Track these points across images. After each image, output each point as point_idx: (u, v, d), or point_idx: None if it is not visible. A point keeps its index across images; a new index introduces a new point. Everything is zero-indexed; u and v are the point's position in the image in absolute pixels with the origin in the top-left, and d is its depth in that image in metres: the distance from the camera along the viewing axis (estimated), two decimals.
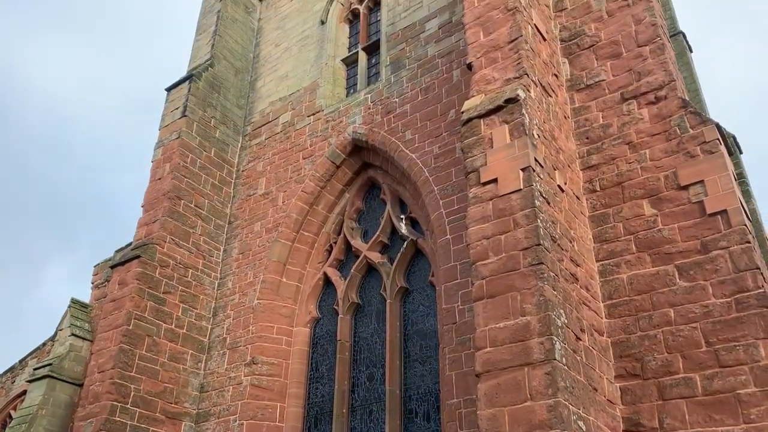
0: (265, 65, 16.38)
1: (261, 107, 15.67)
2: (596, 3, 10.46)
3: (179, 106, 14.34)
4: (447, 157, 11.18)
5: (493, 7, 9.83)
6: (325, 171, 13.23)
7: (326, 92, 14.45)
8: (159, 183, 13.34)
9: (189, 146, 13.85)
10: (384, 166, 12.76)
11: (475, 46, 9.72)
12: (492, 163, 8.31)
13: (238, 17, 16.81)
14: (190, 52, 16.39)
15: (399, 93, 12.74)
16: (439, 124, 11.67)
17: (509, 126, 8.45)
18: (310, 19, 15.94)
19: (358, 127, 13.06)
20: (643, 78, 9.33)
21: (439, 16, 12.95)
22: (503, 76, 9.08)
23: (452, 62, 12.15)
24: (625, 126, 9.22)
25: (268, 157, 14.56)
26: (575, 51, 10.36)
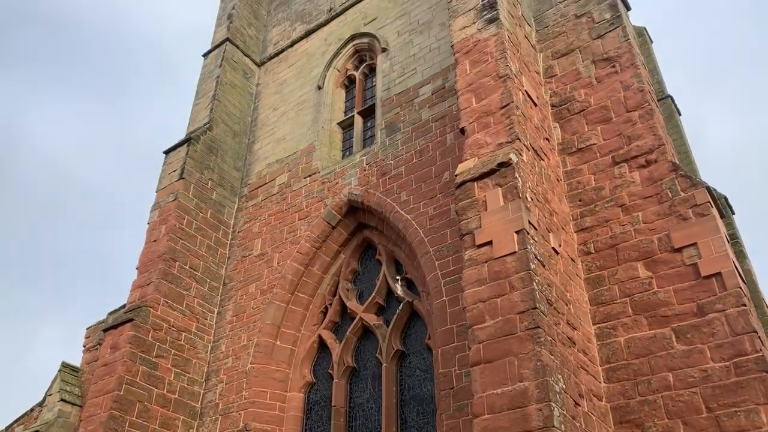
0: (263, 128, 16.67)
1: (258, 169, 15.85)
2: (585, 70, 10.78)
3: (177, 168, 14.49)
4: (442, 218, 11.26)
5: (484, 74, 10.11)
6: (321, 232, 13.28)
7: (322, 154, 14.66)
8: (154, 245, 13.35)
9: (185, 208, 13.93)
10: (380, 227, 12.82)
11: (467, 112, 9.94)
12: (486, 225, 8.38)
13: (237, 82, 17.21)
14: (189, 115, 16.69)
15: (394, 155, 12.93)
16: (433, 186, 11.80)
17: (502, 189, 8.56)
18: (307, 85, 16.32)
19: (354, 188, 13.19)
20: (633, 142, 9.52)
21: (433, 82, 13.29)
22: (495, 141, 9.26)
23: (446, 126, 12.39)
24: (618, 189, 9.35)
25: (264, 218, 14.63)
26: (566, 116, 10.60)
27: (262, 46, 18.82)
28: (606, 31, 10.88)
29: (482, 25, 10.72)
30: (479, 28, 10.72)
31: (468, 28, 10.91)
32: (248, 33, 18.46)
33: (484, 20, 10.75)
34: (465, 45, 10.73)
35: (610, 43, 10.69)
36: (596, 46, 10.84)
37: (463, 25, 11.02)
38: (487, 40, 10.46)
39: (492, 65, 10.11)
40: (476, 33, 10.71)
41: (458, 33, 11.02)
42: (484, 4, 10.94)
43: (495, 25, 10.52)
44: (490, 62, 10.17)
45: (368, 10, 16.21)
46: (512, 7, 11.35)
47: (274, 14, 19.42)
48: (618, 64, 10.35)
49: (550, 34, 11.72)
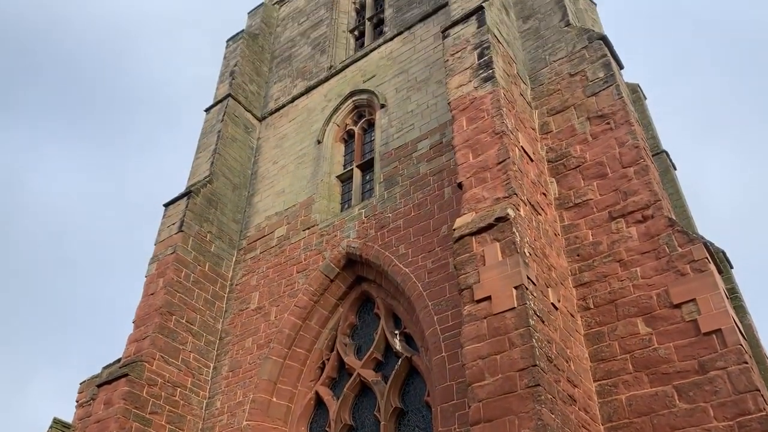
0: (263, 181, 16.81)
1: (257, 221, 15.91)
2: (580, 126, 10.97)
3: (176, 221, 14.55)
4: (440, 271, 11.25)
5: (481, 130, 10.30)
6: (319, 285, 13.23)
7: (321, 207, 14.74)
8: (151, 298, 13.27)
9: (184, 261, 13.92)
10: (378, 280, 12.78)
11: (464, 167, 10.07)
12: (485, 280, 8.37)
13: (238, 136, 17.45)
14: (190, 168, 16.85)
15: (392, 208, 13.01)
16: (432, 240, 11.83)
17: (501, 244, 8.59)
18: (307, 139, 16.56)
19: (352, 241, 13.21)
20: (630, 197, 9.61)
21: (430, 137, 13.49)
22: (493, 195, 9.35)
23: (444, 180, 12.51)
24: (615, 244, 9.38)
25: (262, 271, 14.60)
26: (562, 171, 10.73)
27: (263, 101, 19.18)
28: (600, 89, 11.12)
29: (478, 83, 10.97)
30: (475, 86, 10.97)
31: (464, 86, 11.17)
32: (250, 89, 18.83)
33: (480, 78, 11.01)
34: (462, 102, 10.95)
35: (604, 100, 10.92)
36: (591, 104, 11.07)
37: (460, 83, 11.28)
38: (483, 97, 10.69)
39: (488, 122, 10.30)
40: (473, 91, 10.95)
41: (455, 91, 11.27)
42: (479, 63, 11.23)
43: (491, 83, 10.77)
44: (487, 119, 10.37)
45: (367, 68, 16.59)
46: (507, 65, 11.64)
47: (275, 71, 19.86)
48: (612, 121, 10.55)
49: (545, 91, 11.98)
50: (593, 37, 12.02)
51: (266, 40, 20.75)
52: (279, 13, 21.95)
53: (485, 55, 11.29)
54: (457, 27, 12.30)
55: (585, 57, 11.78)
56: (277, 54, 20.42)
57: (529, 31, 13.36)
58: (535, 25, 13.30)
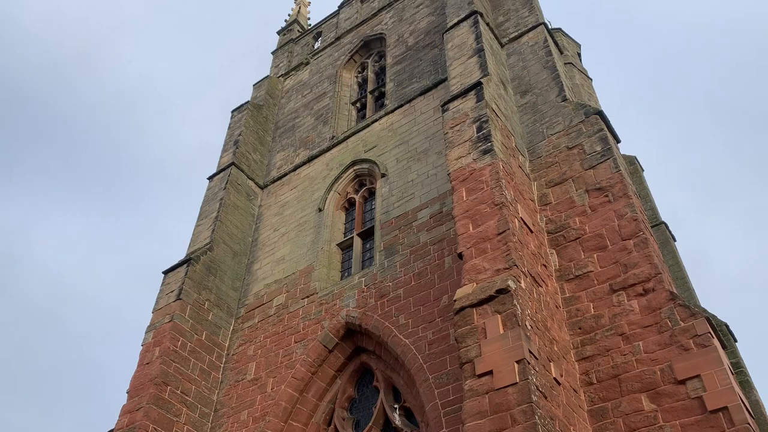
0: (263, 249, 16.83)
1: (256, 289, 15.82)
2: (579, 198, 11.08)
3: (174, 289, 14.47)
4: (441, 343, 11.10)
5: (480, 201, 10.40)
6: (317, 356, 13.02)
7: (321, 275, 14.70)
8: (147, 368, 13.04)
9: (181, 330, 13.76)
10: (377, 351, 12.59)
11: (465, 237, 10.12)
12: (486, 354, 8.26)
13: (240, 204, 17.60)
14: (191, 235, 16.89)
15: (392, 277, 12.97)
16: (432, 310, 11.73)
17: (502, 316, 8.53)
18: (309, 207, 16.69)
19: (352, 310, 13.10)
20: (630, 270, 9.60)
21: (431, 207, 13.60)
22: (493, 267, 9.35)
23: (444, 249, 12.53)
24: (617, 317, 9.30)
25: (260, 341, 14.40)
26: (562, 242, 10.77)
27: (265, 169, 19.45)
28: (597, 162, 11.30)
29: (477, 155, 11.16)
30: (474, 158, 11.16)
31: (464, 158, 11.36)
32: (253, 157, 19.14)
33: (479, 151, 11.22)
34: (461, 173, 11.11)
35: (602, 173, 11.08)
36: (589, 176, 11.22)
37: (459, 155, 11.48)
38: (482, 169, 10.85)
39: (488, 193, 10.42)
40: (472, 162, 11.13)
41: (454, 162, 11.45)
42: (478, 136, 11.46)
43: (490, 156, 10.96)
44: (486, 190, 10.49)
45: (368, 138, 16.91)
46: (506, 138, 11.88)
47: (278, 140, 20.24)
48: (611, 193, 10.67)
49: (543, 163, 12.18)
50: (590, 112, 12.32)
51: (270, 110, 21.25)
52: (283, 85, 22.58)
53: (484, 129, 11.54)
54: (457, 101, 12.63)
55: (582, 131, 12.03)
56: (281, 124, 20.87)
57: (526, 105, 13.70)
58: (533, 99, 13.66)
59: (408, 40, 19.06)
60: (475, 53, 13.89)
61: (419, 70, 17.57)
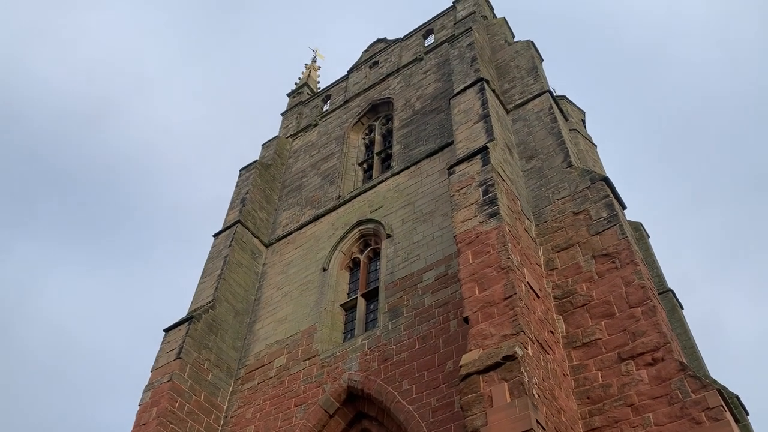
0: (266, 308, 16.67)
1: (257, 349, 15.58)
2: (585, 264, 11.01)
3: (175, 347, 14.26)
4: (446, 410, 10.81)
5: (486, 264, 10.33)
6: (317, 421, 12.67)
7: (323, 336, 14.49)
8: (143, 429, 12.70)
9: (179, 390, 13.48)
10: (380, 418, 12.26)
11: (471, 301, 10.00)
12: (493, 423, 8.04)
13: (244, 262, 17.56)
14: (194, 292, 16.78)
15: (396, 340, 12.77)
16: (437, 375, 11.49)
17: (509, 384, 8.34)
18: (313, 266, 16.63)
19: (354, 374, 12.84)
20: (638, 339, 9.44)
21: (436, 269, 13.53)
22: (500, 332, 9.20)
23: (449, 312, 12.38)
24: (626, 387, 9.08)
25: (259, 403, 14.06)
26: (569, 308, 10.64)
27: (271, 227, 19.50)
28: (604, 228, 11.29)
29: (483, 218, 11.17)
30: (481, 221, 11.17)
31: (470, 221, 11.37)
32: (259, 215, 19.23)
33: (485, 214, 11.24)
34: (467, 236, 11.10)
35: (608, 239, 11.05)
36: (595, 242, 11.19)
37: (465, 218, 11.50)
38: (488, 232, 10.84)
39: (494, 257, 10.37)
40: (478, 225, 11.13)
41: (460, 225, 11.46)
42: (484, 200, 11.51)
43: (496, 219, 10.97)
44: (492, 254, 10.45)
45: (374, 199, 17.01)
46: (512, 202, 11.92)
47: (285, 199, 20.38)
48: (618, 260, 10.61)
49: (549, 228, 12.17)
50: (595, 178, 12.40)
51: (278, 169, 21.50)
52: (292, 145, 22.93)
53: (490, 192, 11.60)
54: (463, 165, 12.75)
55: (588, 197, 12.08)
56: (288, 183, 21.07)
57: (532, 170, 13.82)
58: (538, 164, 13.79)
59: (415, 105, 19.44)
60: (481, 118, 14.12)
61: (426, 133, 17.84)
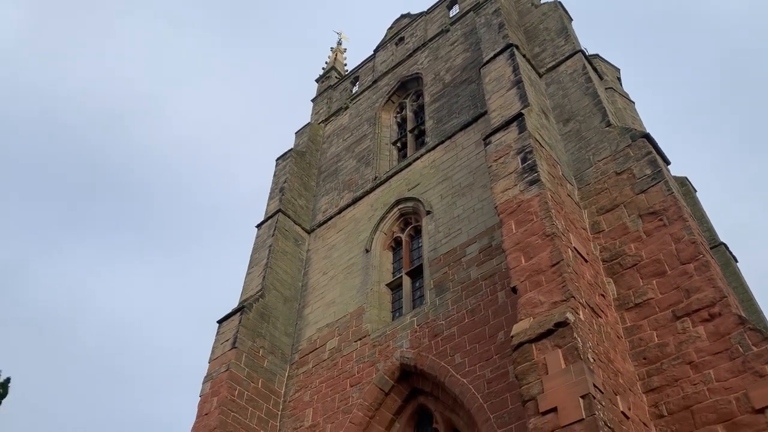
0: (313, 292, 16.89)
1: (308, 334, 15.82)
2: (632, 224, 10.80)
3: (229, 337, 14.60)
4: (500, 381, 10.82)
5: (531, 233, 10.23)
6: (374, 399, 12.84)
7: (372, 316, 14.61)
8: (206, 419, 13.08)
9: (237, 378, 13.81)
10: (435, 392, 12.35)
11: (517, 271, 9.93)
12: (549, 390, 8.01)
13: (288, 249, 17.79)
14: (243, 283, 17.11)
15: (445, 315, 12.79)
16: (488, 347, 11.49)
17: (562, 350, 8.28)
18: (356, 248, 16.74)
19: (406, 351, 12.93)
20: (693, 295, 9.25)
21: (479, 241, 13.46)
22: (550, 299, 9.12)
23: (496, 284, 12.33)
24: (683, 345, 8.93)
25: (315, 386, 14.32)
26: (618, 270, 10.47)
27: (311, 214, 19.67)
28: (649, 186, 11.04)
29: (524, 186, 11.04)
30: (521, 190, 11.04)
31: (510, 190, 11.25)
32: (299, 203, 19.41)
33: (525, 182, 11.10)
34: (509, 206, 10.99)
35: (654, 197, 10.80)
36: (641, 201, 10.96)
37: (505, 187, 11.38)
38: (530, 200, 10.71)
39: (538, 224, 10.25)
40: (519, 194, 11.01)
41: (501, 195, 11.35)
42: (523, 168, 11.36)
43: (537, 186, 10.83)
44: (536, 221, 10.33)
45: (411, 177, 16.97)
46: (552, 168, 11.74)
47: (322, 185, 20.51)
48: (665, 217, 10.37)
49: (592, 191, 11.96)
50: (636, 136, 12.10)
51: (313, 156, 21.61)
52: (324, 131, 22.99)
53: (528, 159, 11.44)
54: (498, 134, 12.59)
55: (630, 155, 11.81)
56: (324, 169, 21.17)
57: (570, 133, 13.56)
58: (576, 127, 13.52)
59: (444, 78, 19.23)
60: (513, 85, 13.90)
61: (458, 105, 17.65)
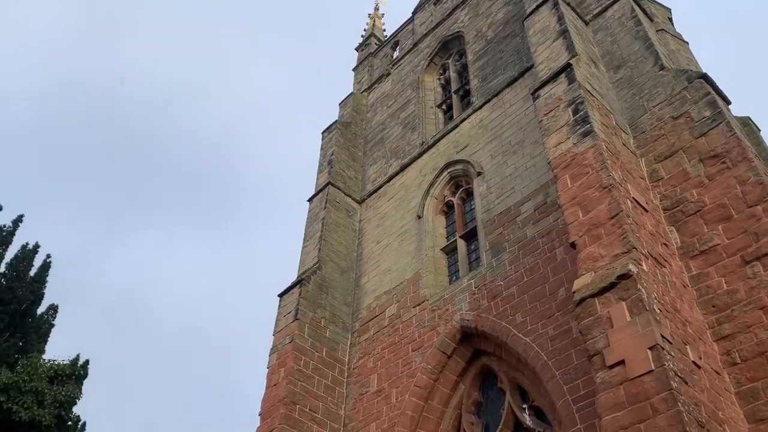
0: (368, 262, 17.03)
1: (367, 302, 16.01)
2: (693, 169, 10.41)
3: (291, 310, 14.91)
4: (564, 338, 10.73)
5: (587, 186, 9.98)
6: (437, 363, 12.94)
7: (429, 282, 14.65)
8: (275, 389, 13.47)
9: (302, 349, 14.13)
10: (497, 353, 12.35)
11: (575, 225, 9.74)
12: (615, 343, 7.89)
13: (341, 221, 17.94)
14: (299, 256, 17.40)
15: (503, 276, 12.71)
16: (549, 305, 11.38)
17: (627, 303, 8.12)
18: (407, 215, 16.73)
19: (465, 313, 12.95)
20: (762, 238, 8.89)
21: (533, 199, 13.23)
22: (610, 252, 8.93)
23: (554, 241, 12.14)
24: (754, 290, 8.62)
25: (378, 352, 14.52)
26: (681, 218, 10.14)
27: (361, 184, 19.72)
28: (709, 129, 10.58)
29: (577, 139, 10.75)
30: (574, 143, 10.75)
31: (563, 144, 10.97)
32: (348, 174, 19.48)
33: (578, 134, 10.80)
34: (562, 160, 10.73)
35: (715, 139, 10.36)
36: (701, 145, 10.52)
37: (558, 141, 11.11)
38: (584, 152, 10.43)
39: (594, 177, 9.99)
40: (572, 147, 10.73)
41: (553, 149, 11.08)
42: (575, 119, 11.04)
43: (590, 138, 10.52)
44: (591, 174, 10.06)
45: (459, 139, 16.76)
46: (605, 117, 11.37)
47: (369, 154, 20.49)
48: (728, 159, 9.94)
49: (648, 138, 11.55)
50: (692, 77, 11.57)
51: (358, 126, 21.57)
52: (368, 99, 22.87)
53: (580, 111, 11.10)
54: (547, 87, 12.25)
55: (686, 98, 11.32)
56: (370, 138, 21.13)
57: (621, 80, 13.07)
58: (627, 73, 13.02)
59: (487, 34, 18.77)
60: (559, 35, 13.43)
61: (502, 62, 17.24)
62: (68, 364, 21.56)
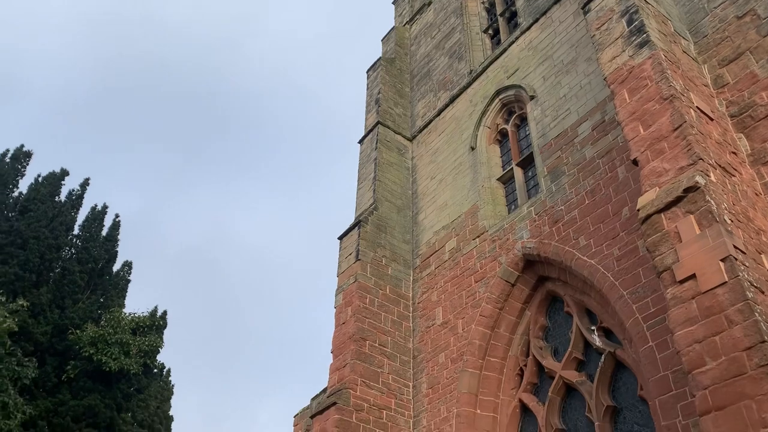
0: (424, 198, 17.01)
1: (426, 238, 16.08)
2: (762, 71, 9.79)
3: (352, 251, 15.16)
4: (630, 257, 10.53)
5: (647, 99, 9.55)
6: (501, 292, 12.98)
7: (487, 213, 14.55)
8: (344, 327, 13.88)
9: (366, 287, 14.43)
10: (562, 277, 12.27)
11: (636, 141, 9.39)
12: (685, 258, 7.69)
13: (393, 160, 17.88)
14: (355, 198, 17.55)
15: (563, 200, 12.48)
16: (613, 225, 11.14)
17: (695, 216, 7.86)
18: (460, 148, 16.51)
19: (527, 241, 12.85)
20: None
21: (591, 119, 12.80)
22: (675, 166, 8.60)
23: (614, 160, 11.78)
24: None
25: (441, 286, 14.67)
26: (750, 124, 9.62)
27: (410, 121, 19.50)
28: None
29: (633, 51, 10.23)
30: (631, 55, 10.24)
31: (618, 58, 10.47)
32: (396, 112, 19.27)
33: (634, 46, 10.27)
34: (619, 75, 10.27)
35: None
36: None
37: (613, 55, 10.60)
38: (642, 64, 9.94)
39: (653, 89, 9.53)
40: (629, 60, 10.23)
41: (609, 64, 10.60)
42: (630, 30, 10.48)
43: (647, 48, 9.99)
44: (651, 86, 9.61)
45: (508, 63, 16.23)
46: (662, 25, 10.75)
47: (417, 89, 20.14)
48: None
49: (711, 42, 10.88)
50: None
51: (403, 61, 21.16)
52: (410, 32, 22.31)
53: (635, 20, 10.52)
54: None
55: None
56: (416, 72, 20.72)
57: None
58: None
59: None
60: None
61: None
62: (148, 316, 22.78)
